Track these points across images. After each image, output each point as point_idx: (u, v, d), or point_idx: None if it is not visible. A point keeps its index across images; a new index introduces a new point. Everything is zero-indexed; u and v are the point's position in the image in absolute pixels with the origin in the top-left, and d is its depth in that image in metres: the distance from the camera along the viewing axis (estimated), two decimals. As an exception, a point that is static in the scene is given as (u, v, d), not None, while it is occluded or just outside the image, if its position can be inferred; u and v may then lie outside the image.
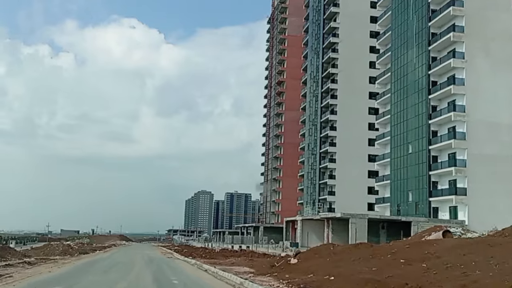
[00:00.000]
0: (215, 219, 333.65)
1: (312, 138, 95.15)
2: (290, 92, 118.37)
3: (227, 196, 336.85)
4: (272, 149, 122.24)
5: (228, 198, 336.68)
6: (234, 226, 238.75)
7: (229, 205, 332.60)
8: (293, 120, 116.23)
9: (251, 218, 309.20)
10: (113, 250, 67.07)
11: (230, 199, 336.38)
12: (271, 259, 32.65)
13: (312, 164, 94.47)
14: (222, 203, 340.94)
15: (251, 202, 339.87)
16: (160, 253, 59.50)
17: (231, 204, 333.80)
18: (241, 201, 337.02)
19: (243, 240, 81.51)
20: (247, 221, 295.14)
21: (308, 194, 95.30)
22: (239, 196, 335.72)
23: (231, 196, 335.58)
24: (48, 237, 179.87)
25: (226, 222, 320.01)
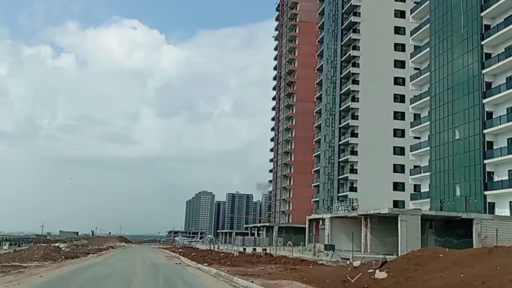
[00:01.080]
0: (216, 220, 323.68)
1: (330, 129, 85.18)
2: (301, 82, 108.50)
3: (229, 197, 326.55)
4: (282, 144, 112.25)
5: (229, 199, 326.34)
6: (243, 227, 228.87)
7: (230, 206, 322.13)
8: (305, 112, 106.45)
9: (252, 219, 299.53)
10: (109, 253, 57.04)
11: (231, 200, 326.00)
12: (329, 269, 22.72)
13: (329, 158, 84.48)
14: (223, 204, 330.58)
15: (252, 203, 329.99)
16: (164, 257, 49.47)
17: (232, 205, 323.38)
18: (242, 202, 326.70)
19: (256, 242, 71.58)
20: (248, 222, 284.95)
21: (325, 191, 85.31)
22: (240, 197, 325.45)
23: (232, 196, 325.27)
24: (45, 238, 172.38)
25: (228, 223, 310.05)
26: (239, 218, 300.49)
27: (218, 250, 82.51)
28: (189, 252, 61.20)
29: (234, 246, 77.67)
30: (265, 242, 71.10)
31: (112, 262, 36.60)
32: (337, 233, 51.79)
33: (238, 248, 73.95)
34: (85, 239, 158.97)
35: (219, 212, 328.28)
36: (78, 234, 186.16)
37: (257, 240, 72.15)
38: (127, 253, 59.27)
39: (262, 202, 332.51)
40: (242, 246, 72.74)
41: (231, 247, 78.90)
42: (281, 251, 53.53)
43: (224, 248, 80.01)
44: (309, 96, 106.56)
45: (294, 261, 32.72)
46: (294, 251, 48.33)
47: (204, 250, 67.50)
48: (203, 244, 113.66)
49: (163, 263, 36.52)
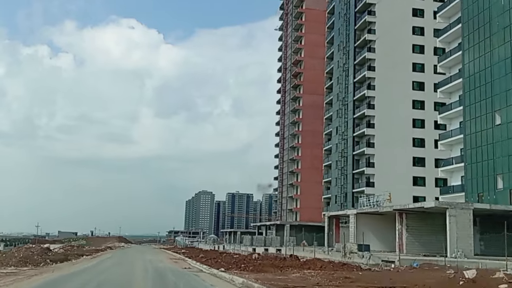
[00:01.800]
0: (216, 219, 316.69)
1: (342, 120, 78.43)
2: (309, 72, 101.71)
3: (229, 197, 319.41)
4: (288, 139, 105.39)
5: (229, 198, 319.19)
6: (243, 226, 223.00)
7: (230, 205, 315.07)
8: (313, 105, 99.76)
9: (253, 219, 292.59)
10: (105, 255, 50.21)
11: (231, 199, 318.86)
12: (393, 276, 15.99)
13: (342, 151, 77.74)
14: (223, 204, 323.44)
15: (253, 202, 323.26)
16: (168, 259, 42.71)
17: (232, 204, 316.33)
18: (242, 201, 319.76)
19: (267, 241, 64.77)
20: (249, 222, 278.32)
21: (337, 187, 78.57)
22: (240, 196, 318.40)
23: (232, 196, 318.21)
24: (42, 239, 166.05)
25: (228, 222, 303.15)
26: (240, 218, 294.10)
27: (223, 250, 75.81)
28: (195, 253, 54.53)
29: (242, 246, 70.91)
30: (276, 241, 64.33)
31: (106, 267, 29.84)
32: (363, 231, 45.02)
33: (246, 249, 67.24)
34: (83, 239, 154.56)
35: (219, 212, 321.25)
36: (77, 235, 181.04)
37: (267, 240, 65.41)
38: (125, 255, 52.50)
39: (262, 201, 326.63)
40: (252, 246, 66.01)
41: (238, 247, 72.26)
42: (300, 251, 46.75)
43: (231, 249, 73.33)
44: (317, 88, 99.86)
45: (334, 265, 25.91)
46: (316, 251, 41.55)
47: (212, 251, 60.90)
48: (206, 244, 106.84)
49: (168, 268, 29.75)
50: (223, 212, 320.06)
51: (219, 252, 55.37)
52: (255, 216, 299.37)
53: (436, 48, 73.95)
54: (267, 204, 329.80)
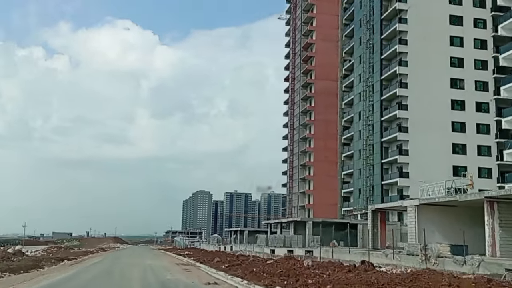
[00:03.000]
0: (214, 219, 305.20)
1: (367, 103, 67.36)
2: (321, 57, 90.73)
3: (227, 196, 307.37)
4: (298, 129, 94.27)
5: (227, 198, 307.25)
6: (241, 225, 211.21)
7: (228, 205, 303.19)
8: (326, 92, 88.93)
9: (251, 219, 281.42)
10: (93, 260, 38.74)
11: (229, 199, 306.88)
12: None
13: (367, 138, 66.66)
14: (221, 204, 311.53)
15: (251, 202, 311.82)
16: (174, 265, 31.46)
17: (230, 204, 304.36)
18: (241, 201, 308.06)
19: (287, 241, 53.41)
20: (247, 222, 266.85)
21: (362, 179, 67.45)
22: (238, 196, 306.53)
23: (230, 196, 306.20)
24: (34, 240, 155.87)
25: (226, 222, 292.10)
26: (238, 218, 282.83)
27: (233, 252, 64.78)
28: (206, 256, 43.21)
29: (255, 247, 59.62)
30: (299, 241, 53.05)
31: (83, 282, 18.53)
32: (426, 227, 33.89)
33: (262, 250, 56.00)
34: (77, 240, 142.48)
35: (217, 212, 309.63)
36: (72, 235, 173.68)
37: (287, 239, 54.14)
38: (119, 259, 41.11)
39: (261, 201, 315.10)
40: (269, 247, 54.75)
41: (250, 248, 61.10)
42: (341, 253, 35.60)
43: (242, 250, 62.15)
44: (330, 73, 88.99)
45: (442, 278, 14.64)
46: (371, 255, 30.33)
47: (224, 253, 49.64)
48: (209, 245, 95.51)
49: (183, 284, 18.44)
50: (220, 212, 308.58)
51: (234, 254, 44.05)
52: (253, 215, 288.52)
53: (476, 20, 63.42)
54: (266, 203, 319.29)
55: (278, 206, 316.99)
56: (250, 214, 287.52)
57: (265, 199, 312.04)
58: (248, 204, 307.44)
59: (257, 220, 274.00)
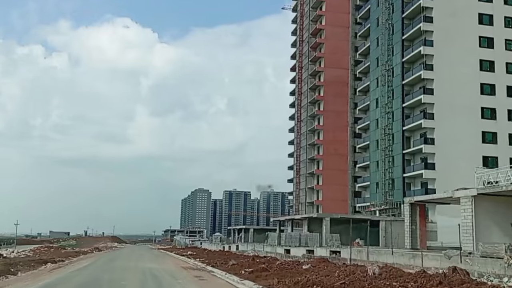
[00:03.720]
0: (213, 218, 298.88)
1: (385, 88, 61.09)
2: (331, 43, 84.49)
3: (226, 195, 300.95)
4: (306, 121, 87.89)
5: (226, 196, 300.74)
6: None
7: (227, 203, 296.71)
8: (336, 81, 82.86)
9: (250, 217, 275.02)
10: (81, 264, 32.19)
11: (228, 197, 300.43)
12: None
13: (386, 127, 60.39)
14: (219, 202, 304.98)
15: (250, 200, 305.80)
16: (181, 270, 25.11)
17: (229, 202, 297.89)
18: (240, 199, 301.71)
19: (302, 240, 47.00)
20: (247, 220, 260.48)
21: (380, 172, 61.10)
22: (238, 194, 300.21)
23: (229, 194, 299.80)
24: (30, 239, 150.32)
25: (225, 221, 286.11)
26: (237, 216, 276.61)
27: (241, 252, 58.59)
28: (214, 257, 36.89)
29: (266, 247, 53.32)
30: (316, 240, 46.68)
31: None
32: (482, 222, 27.77)
33: (274, 250, 49.79)
34: (74, 239, 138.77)
35: (216, 210, 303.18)
36: (69, 235, 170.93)
37: (303, 238, 47.75)
38: (113, 262, 34.68)
39: (260, 199, 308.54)
40: (282, 246, 48.50)
41: (259, 248, 54.89)
42: (379, 254, 29.28)
43: (250, 250, 55.84)
44: (341, 61, 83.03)
45: None
46: (425, 256, 24.00)
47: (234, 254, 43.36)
48: (212, 244, 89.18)
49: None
50: (219, 210, 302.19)
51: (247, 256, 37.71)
52: (252, 214, 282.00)
53: (507, -4, 57.23)
54: (266, 202, 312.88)
55: (278, 204, 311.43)
56: (249, 212, 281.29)
57: (264, 198, 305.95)
58: (248, 203, 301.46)
59: (256, 219, 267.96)
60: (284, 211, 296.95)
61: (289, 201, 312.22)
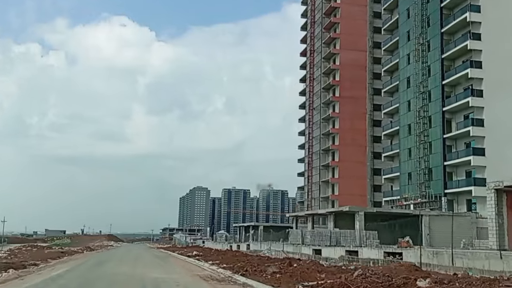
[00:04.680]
0: (212, 216, 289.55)
1: (419, 64, 52.41)
2: (347, 22, 76.30)
3: (225, 193, 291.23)
4: (320, 108, 79.15)
5: (225, 194, 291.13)
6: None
7: (226, 201, 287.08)
8: (354, 64, 74.55)
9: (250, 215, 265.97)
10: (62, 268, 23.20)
11: (227, 195, 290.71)
12: None
13: (421, 109, 51.68)
14: (218, 200, 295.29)
15: (250, 198, 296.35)
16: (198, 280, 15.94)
17: (228, 201, 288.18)
18: (239, 197, 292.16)
19: (333, 239, 38.26)
20: (246, 218, 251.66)
21: (414, 160, 52.37)
22: (237, 193, 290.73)
23: (228, 192, 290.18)
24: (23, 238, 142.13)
25: (224, 219, 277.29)
26: (236, 214, 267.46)
27: (250, 251, 50.11)
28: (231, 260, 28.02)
29: (287, 246, 44.47)
30: (351, 238, 37.95)
31: None
32: None
33: (298, 249, 41.02)
34: (69, 238, 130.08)
35: (214, 208, 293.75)
36: (65, 233, 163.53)
37: (333, 236, 38.96)
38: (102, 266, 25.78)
39: (259, 198, 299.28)
40: (310, 246, 39.71)
41: (277, 247, 46.18)
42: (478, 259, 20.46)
43: (266, 249, 47.13)
44: (358, 42, 74.61)
45: None
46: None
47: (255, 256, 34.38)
48: (215, 243, 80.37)
49: None
50: (218, 209, 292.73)
51: (278, 259, 28.88)
52: (251, 212, 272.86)
53: None
54: (265, 200, 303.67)
55: (278, 203, 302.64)
56: (248, 210, 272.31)
57: (263, 196, 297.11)
58: (247, 201, 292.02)
59: (256, 217, 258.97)
60: (284, 209, 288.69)
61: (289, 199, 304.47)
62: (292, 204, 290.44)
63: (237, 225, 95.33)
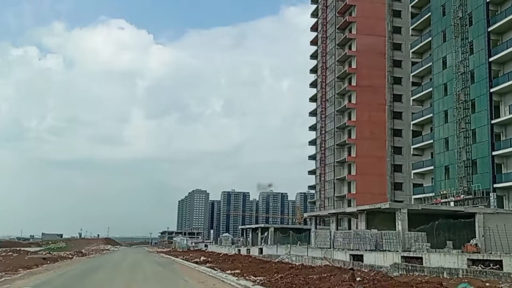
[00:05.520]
0: (211, 219, 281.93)
1: (458, 41, 45.10)
2: (364, 5, 69.26)
3: (224, 195, 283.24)
4: (334, 99, 71.81)
5: (224, 197, 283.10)
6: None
7: (226, 204, 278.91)
8: (372, 50, 67.62)
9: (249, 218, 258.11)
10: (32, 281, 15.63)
11: (227, 198, 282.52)
12: None
13: (461, 92, 44.34)
14: (217, 203, 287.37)
15: (249, 201, 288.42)
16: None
17: (228, 203, 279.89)
18: (238, 200, 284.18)
19: (372, 241, 30.76)
20: (245, 221, 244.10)
21: (454, 151, 44.99)
22: (236, 195, 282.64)
23: (228, 195, 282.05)
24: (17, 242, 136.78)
25: (223, 222, 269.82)
26: (236, 217, 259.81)
27: (263, 256, 42.96)
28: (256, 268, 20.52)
29: (313, 250, 36.96)
30: (396, 240, 30.52)
31: None
32: None
33: (329, 255, 33.53)
34: (64, 241, 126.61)
35: (213, 211, 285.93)
36: (62, 237, 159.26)
37: (373, 238, 31.51)
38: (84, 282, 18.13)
39: (259, 200, 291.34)
40: (345, 251, 32.20)
41: (298, 251, 38.83)
42: None
43: (284, 254, 39.64)
44: (376, 27, 67.76)
45: None
46: None
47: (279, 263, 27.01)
48: (221, 247, 72.66)
49: None
50: (217, 212, 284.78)
51: (327, 268, 21.30)
52: (251, 214, 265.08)
53: None
54: (265, 202, 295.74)
55: (277, 205, 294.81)
56: (248, 213, 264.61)
57: (263, 198, 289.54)
58: (246, 204, 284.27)
59: (255, 219, 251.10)
60: (284, 212, 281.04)
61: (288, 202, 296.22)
62: (292, 207, 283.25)
63: (243, 227, 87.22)
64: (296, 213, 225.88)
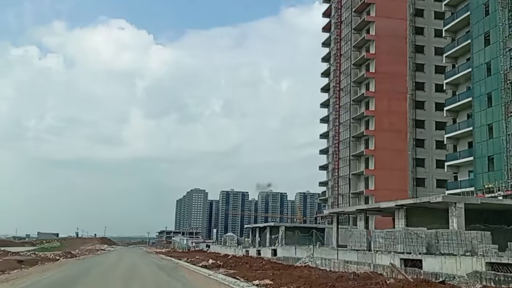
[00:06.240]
0: (209, 219, 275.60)
1: (505, 14, 38.83)
2: (384, -15, 62.70)
3: (223, 195, 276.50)
4: (350, 88, 65.45)
5: (223, 197, 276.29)
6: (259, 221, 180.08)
7: (224, 204, 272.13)
8: (392, 34, 61.87)
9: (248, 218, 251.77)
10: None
11: (225, 197, 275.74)
12: None
13: (509, 71, 37.92)
14: (216, 203, 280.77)
15: (248, 201, 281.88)
16: None
17: (226, 203, 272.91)
18: (237, 199, 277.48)
19: (430, 244, 24.40)
20: (244, 221, 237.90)
21: (499, 139, 38.59)
22: (235, 195, 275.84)
23: (226, 194, 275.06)
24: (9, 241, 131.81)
25: (222, 221, 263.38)
26: (234, 216, 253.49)
27: (277, 258, 36.74)
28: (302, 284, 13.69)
29: (345, 253, 30.51)
30: (456, 242, 24.21)
31: None
32: None
33: (368, 259, 27.08)
34: (59, 241, 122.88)
35: (212, 211, 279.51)
36: (58, 236, 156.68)
37: (425, 239, 25.19)
38: None
39: (258, 200, 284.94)
40: (389, 253, 25.68)
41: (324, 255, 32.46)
42: None
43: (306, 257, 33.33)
44: (397, 9, 61.93)
45: None
46: None
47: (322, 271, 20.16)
48: (225, 247, 66.09)
49: None
50: (215, 211, 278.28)
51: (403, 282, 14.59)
52: (250, 214, 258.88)
53: None
54: (264, 202, 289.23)
55: (277, 205, 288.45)
56: (247, 212, 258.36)
57: (262, 198, 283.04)
58: (245, 204, 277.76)
59: (254, 219, 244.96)
60: (283, 212, 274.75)
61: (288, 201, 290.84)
62: (291, 206, 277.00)
63: (249, 226, 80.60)
64: (297, 213, 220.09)
